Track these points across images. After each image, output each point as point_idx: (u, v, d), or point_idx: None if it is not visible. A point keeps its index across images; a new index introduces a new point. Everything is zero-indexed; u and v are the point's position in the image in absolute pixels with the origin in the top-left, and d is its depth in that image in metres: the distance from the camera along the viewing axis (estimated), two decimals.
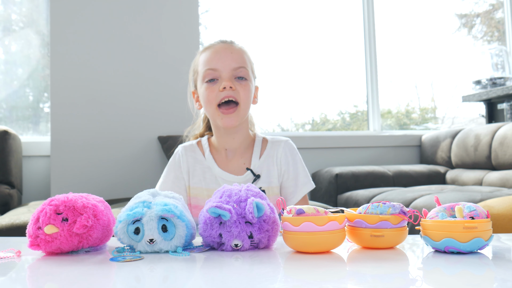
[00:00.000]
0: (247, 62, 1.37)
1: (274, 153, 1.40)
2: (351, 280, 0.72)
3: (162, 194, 0.96)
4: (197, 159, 1.41)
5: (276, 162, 1.39)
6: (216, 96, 1.33)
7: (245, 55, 1.39)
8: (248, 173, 1.38)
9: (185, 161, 1.40)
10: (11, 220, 1.87)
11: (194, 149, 1.43)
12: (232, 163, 1.40)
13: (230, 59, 1.34)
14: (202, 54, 1.40)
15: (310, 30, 3.71)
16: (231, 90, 1.32)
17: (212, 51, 1.37)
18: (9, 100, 2.99)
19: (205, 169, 1.39)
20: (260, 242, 0.91)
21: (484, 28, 4.31)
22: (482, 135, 2.96)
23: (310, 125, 3.75)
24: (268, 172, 1.38)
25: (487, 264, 0.78)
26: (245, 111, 1.36)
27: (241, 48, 1.40)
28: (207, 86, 1.34)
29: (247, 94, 1.34)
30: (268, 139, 1.44)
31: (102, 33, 2.85)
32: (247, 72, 1.36)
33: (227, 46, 1.38)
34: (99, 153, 2.80)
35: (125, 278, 0.74)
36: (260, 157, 1.40)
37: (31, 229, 0.89)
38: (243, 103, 1.34)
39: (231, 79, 1.33)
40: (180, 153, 1.42)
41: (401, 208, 0.90)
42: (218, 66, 1.33)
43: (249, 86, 1.36)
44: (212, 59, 1.35)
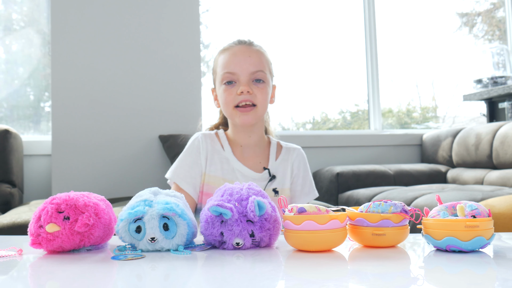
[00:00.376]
0: (265, 64, 1.38)
1: (289, 158, 1.44)
2: (353, 278, 0.72)
3: (164, 193, 0.96)
4: (216, 148, 1.42)
5: (290, 166, 1.43)
6: (233, 99, 1.35)
7: (263, 56, 1.40)
8: (265, 172, 1.40)
9: (205, 148, 1.41)
10: (13, 219, 1.87)
11: (213, 138, 1.44)
12: (248, 160, 1.42)
13: (248, 63, 1.35)
14: (221, 56, 1.40)
15: (311, 29, 3.70)
16: (248, 94, 1.33)
17: (231, 53, 1.38)
18: (10, 99, 2.99)
19: (223, 160, 1.40)
20: (262, 241, 0.91)
21: (485, 27, 4.31)
22: (483, 134, 2.96)
23: (311, 124, 3.75)
24: (283, 174, 1.42)
25: (489, 263, 0.78)
26: (262, 111, 1.38)
27: (259, 49, 1.40)
28: (225, 88, 1.36)
29: (264, 97, 1.36)
30: (282, 145, 1.47)
31: (103, 33, 2.85)
32: (264, 75, 1.37)
33: (246, 48, 1.38)
34: (100, 152, 2.80)
35: (127, 277, 0.74)
36: (276, 159, 1.43)
37: (33, 227, 0.89)
38: (260, 105, 1.36)
39: (248, 83, 1.35)
40: (199, 139, 1.43)
41: (402, 207, 0.90)
42: (236, 70, 1.35)
43: (266, 89, 1.38)
44: (230, 63, 1.36)
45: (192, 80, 3.00)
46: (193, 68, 3.01)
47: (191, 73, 3.00)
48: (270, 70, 1.42)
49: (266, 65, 1.39)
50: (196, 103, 3.00)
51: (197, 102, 3.01)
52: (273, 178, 1.39)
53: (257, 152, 1.43)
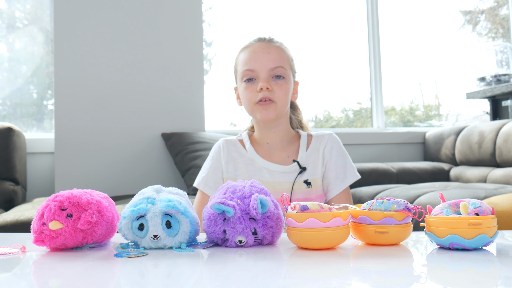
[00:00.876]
0: (284, 61, 1.38)
1: (319, 146, 1.42)
2: (355, 276, 0.72)
3: (166, 190, 0.96)
4: (239, 152, 1.43)
5: (320, 154, 1.41)
6: (254, 96, 1.35)
7: (283, 52, 1.40)
8: (294, 164, 1.39)
9: (226, 153, 1.43)
10: (16, 217, 1.88)
11: (235, 143, 1.45)
12: (275, 156, 1.41)
13: (268, 59, 1.35)
14: (241, 54, 1.41)
15: (313, 27, 3.70)
16: (267, 91, 1.34)
17: (250, 51, 1.39)
18: (13, 97, 3.00)
19: (247, 162, 1.41)
20: (264, 238, 0.91)
21: (489, 24, 4.29)
22: (486, 132, 2.95)
23: (314, 122, 3.75)
24: (314, 165, 1.40)
25: (492, 261, 0.78)
26: (283, 107, 1.38)
27: (279, 46, 1.40)
28: (246, 86, 1.37)
29: (283, 93, 1.36)
30: (313, 134, 1.46)
31: (105, 31, 2.85)
32: (284, 71, 1.37)
33: (265, 45, 1.39)
34: (103, 149, 2.80)
35: (129, 274, 0.74)
36: (307, 150, 1.42)
37: (36, 225, 0.89)
38: (279, 101, 1.36)
39: (268, 79, 1.35)
40: (221, 145, 1.45)
41: (405, 205, 0.90)
42: (256, 67, 1.35)
43: (286, 85, 1.37)
44: (250, 60, 1.37)
45: (194, 78, 3.00)
46: (195, 66, 3.01)
47: (194, 71, 3.00)
48: (291, 66, 1.42)
49: (286, 61, 1.39)
50: (198, 101, 3.00)
51: (199, 100, 3.01)
52: (303, 170, 1.37)
53: (285, 146, 1.43)
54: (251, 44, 1.41)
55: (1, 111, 2.99)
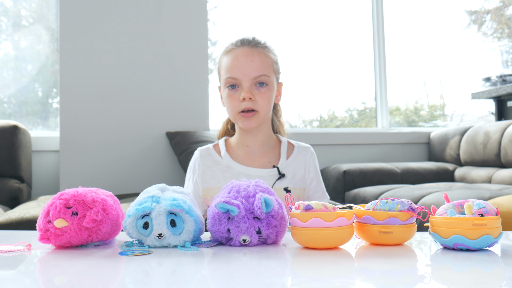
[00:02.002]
0: (267, 67, 1.37)
1: (303, 158, 1.43)
2: (359, 276, 0.72)
3: (171, 189, 0.96)
4: (215, 160, 1.43)
5: (304, 166, 1.42)
6: (237, 105, 1.35)
7: (266, 58, 1.38)
8: (274, 170, 1.39)
9: (201, 164, 1.43)
10: (21, 214, 1.89)
11: (210, 152, 1.45)
12: (254, 159, 1.42)
13: (250, 67, 1.34)
14: (224, 57, 1.40)
15: (318, 26, 3.69)
16: (250, 101, 1.34)
17: (233, 57, 1.36)
18: (18, 95, 3.01)
19: (224, 169, 1.41)
20: (268, 238, 0.91)
21: (494, 24, 4.27)
22: (491, 133, 2.94)
23: (318, 122, 3.74)
24: (294, 173, 1.40)
25: (496, 262, 0.77)
26: (265, 115, 1.38)
27: (261, 51, 1.38)
28: (229, 93, 1.37)
29: (266, 101, 1.36)
30: (294, 144, 1.47)
31: (111, 30, 2.86)
32: (267, 78, 1.36)
33: (248, 51, 1.36)
34: (108, 148, 2.81)
35: (134, 272, 0.74)
36: (288, 158, 1.42)
37: (41, 222, 0.89)
38: (262, 110, 1.36)
39: (250, 88, 1.34)
40: (195, 156, 1.46)
41: (409, 205, 0.90)
42: (238, 76, 1.34)
43: (269, 92, 1.37)
44: (233, 67, 1.35)
45: (199, 77, 3.00)
46: (200, 65, 3.01)
47: (198, 70, 3.00)
48: (275, 70, 1.40)
49: (270, 67, 1.38)
50: (203, 100, 3.01)
51: (204, 99, 3.01)
52: (282, 177, 1.38)
53: (265, 151, 1.43)
54: (234, 48, 1.38)
55: (7, 109, 3.00)
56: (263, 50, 1.38)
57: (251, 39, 1.40)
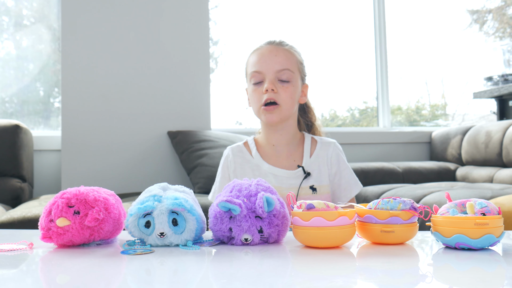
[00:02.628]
0: (292, 64, 1.40)
1: (325, 154, 1.44)
2: (361, 275, 0.72)
3: (173, 188, 0.96)
4: (245, 158, 1.45)
5: (327, 162, 1.43)
6: (260, 98, 1.38)
7: (292, 56, 1.41)
8: (299, 170, 1.40)
9: (233, 161, 1.45)
10: (23, 213, 1.89)
11: (241, 149, 1.47)
12: (281, 159, 1.43)
13: (274, 62, 1.38)
14: (251, 56, 1.44)
15: (320, 25, 3.69)
16: (272, 92, 1.36)
17: (259, 53, 1.41)
18: (20, 95, 3.01)
19: (253, 167, 1.43)
20: (270, 237, 0.91)
21: (496, 24, 4.27)
22: (493, 132, 2.94)
23: (320, 121, 3.74)
24: (319, 171, 1.41)
25: (498, 261, 0.77)
26: (288, 110, 1.40)
27: (288, 49, 1.42)
28: (253, 88, 1.40)
29: (288, 95, 1.38)
30: (317, 140, 1.48)
31: (112, 29, 2.86)
32: (291, 74, 1.39)
33: (273, 48, 1.41)
34: (110, 147, 2.81)
35: (136, 271, 0.74)
36: (311, 156, 1.43)
37: (43, 221, 0.89)
38: (284, 104, 1.38)
39: (273, 81, 1.37)
40: (227, 154, 1.47)
41: (411, 204, 0.90)
42: (263, 69, 1.38)
43: (292, 88, 1.39)
44: (257, 62, 1.40)
45: (201, 77, 3.00)
46: (202, 65, 3.01)
47: (200, 69, 3.00)
48: (299, 70, 1.43)
49: (294, 64, 1.41)
50: (204, 100, 3.01)
51: (205, 99, 3.01)
52: (308, 176, 1.39)
53: (291, 150, 1.44)
54: (261, 47, 1.44)
55: (8, 109, 3.01)
56: (289, 49, 1.43)
57: (278, 40, 1.45)
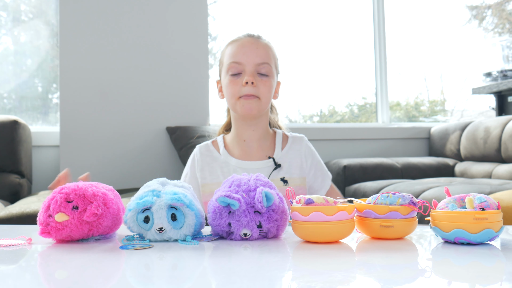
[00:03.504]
0: (271, 59, 1.40)
1: (297, 147, 1.44)
2: (360, 269, 0.72)
3: (171, 183, 0.96)
4: (213, 156, 1.44)
5: (300, 155, 1.43)
6: (238, 90, 1.36)
7: (270, 51, 1.41)
8: (270, 161, 1.40)
9: (200, 160, 1.44)
10: (22, 209, 1.89)
11: (208, 148, 1.47)
12: (251, 154, 1.43)
13: (255, 54, 1.36)
14: (229, 47, 1.42)
15: (319, 21, 3.68)
16: (252, 86, 1.35)
17: (238, 44, 1.39)
18: (18, 91, 3.00)
19: (222, 164, 1.42)
20: (269, 232, 0.91)
21: (495, 20, 4.26)
22: (492, 128, 2.94)
23: (318, 117, 3.74)
24: (290, 164, 1.41)
25: (497, 256, 0.77)
26: (265, 104, 1.39)
27: (267, 43, 1.41)
28: (231, 79, 1.38)
29: (267, 89, 1.37)
30: (288, 135, 1.48)
31: (111, 25, 2.85)
32: (270, 69, 1.38)
33: (254, 40, 1.40)
34: (108, 143, 2.81)
35: (135, 266, 0.74)
36: (282, 149, 1.43)
37: (42, 217, 0.89)
38: (263, 97, 1.37)
39: (253, 74, 1.36)
40: (195, 153, 1.47)
41: (410, 199, 0.90)
42: (243, 60, 1.36)
43: (270, 82, 1.39)
44: (238, 53, 1.37)
45: (199, 72, 3.00)
46: (200, 60, 3.00)
47: (198, 65, 3.00)
48: (276, 65, 1.43)
49: (272, 59, 1.41)
50: (203, 95, 3.00)
51: (204, 94, 3.01)
52: (278, 167, 1.38)
53: (262, 145, 1.44)
54: (240, 38, 1.42)
55: (7, 104, 3.00)
56: (268, 44, 1.42)
57: (257, 34, 1.44)
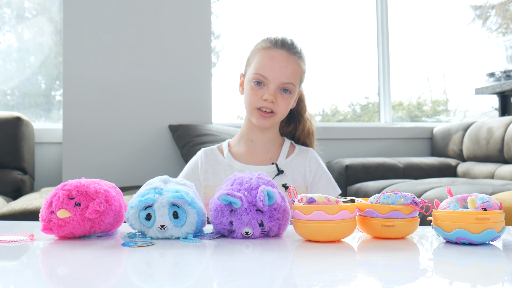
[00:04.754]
0: (297, 77, 1.39)
1: (303, 158, 1.45)
2: (362, 269, 0.72)
3: (174, 181, 0.96)
4: (217, 160, 1.45)
5: (304, 165, 1.44)
6: (257, 101, 1.37)
7: (299, 68, 1.40)
8: (273, 166, 1.41)
9: (204, 163, 1.45)
10: (24, 205, 1.89)
11: (214, 152, 1.47)
12: (256, 157, 1.44)
13: (282, 73, 1.36)
14: (260, 52, 1.40)
15: (322, 20, 3.68)
16: (272, 103, 1.36)
17: (269, 56, 1.37)
18: (21, 87, 3.01)
19: (225, 168, 1.43)
20: (271, 230, 0.91)
21: (499, 20, 4.25)
22: (494, 128, 2.93)
23: (321, 116, 3.74)
24: (293, 171, 1.42)
25: (499, 256, 0.77)
26: (280, 118, 1.42)
27: (297, 60, 1.39)
28: (252, 87, 1.38)
29: (286, 107, 1.39)
30: (296, 146, 1.49)
31: (114, 22, 2.85)
32: (293, 87, 1.38)
33: (285, 56, 1.37)
34: (111, 140, 2.81)
35: (136, 263, 0.75)
36: (287, 157, 1.44)
37: (44, 213, 0.90)
38: (279, 113, 1.39)
39: (275, 92, 1.36)
40: (200, 155, 1.47)
41: (412, 199, 0.89)
42: (269, 76, 1.35)
43: (290, 99, 1.39)
44: (266, 66, 1.36)
45: (202, 71, 3.00)
46: (203, 59, 3.00)
47: (201, 63, 3.00)
48: (301, 79, 1.43)
49: (299, 76, 1.40)
50: (206, 93, 3.00)
51: (207, 92, 3.01)
52: (280, 173, 1.39)
53: (269, 148, 1.45)
54: (272, 48, 1.39)
55: (10, 101, 3.00)
56: (298, 60, 1.41)
57: (290, 43, 1.41)
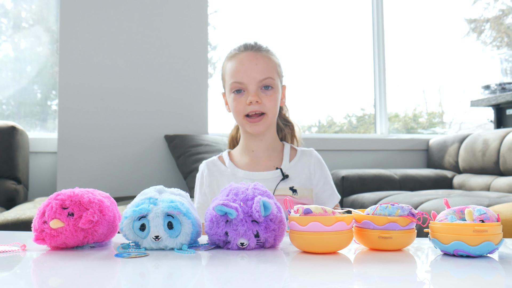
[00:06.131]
0: (272, 70, 1.38)
1: (306, 160, 1.44)
2: (358, 281, 0.71)
3: (168, 191, 0.95)
4: (220, 170, 1.44)
5: (309, 167, 1.43)
6: (243, 108, 1.35)
7: (271, 61, 1.39)
8: (277, 171, 1.39)
9: (208, 175, 1.43)
10: (17, 215, 1.87)
11: (215, 163, 1.46)
12: (259, 165, 1.42)
13: (256, 71, 1.35)
14: (229, 63, 1.40)
15: (318, 31, 3.70)
16: (257, 104, 1.34)
17: (238, 61, 1.37)
18: (17, 97, 3.00)
19: (229, 177, 1.41)
20: (266, 241, 0.90)
21: (494, 33, 4.29)
22: (490, 140, 2.94)
23: (317, 127, 3.74)
24: (298, 175, 1.40)
25: (497, 269, 0.77)
26: (272, 118, 1.39)
27: (265, 55, 1.39)
28: (235, 97, 1.37)
29: (273, 104, 1.37)
30: (297, 149, 1.47)
31: (111, 32, 2.85)
32: (272, 81, 1.37)
33: (252, 56, 1.36)
34: (106, 150, 2.80)
35: (130, 274, 0.73)
36: (291, 161, 1.43)
37: (37, 223, 0.88)
38: (269, 112, 1.37)
39: (256, 92, 1.35)
40: (203, 169, 1.46)
41: (409, 210, 0.89)
42: (244, 80, 1.35)
43: (275, 95, 1.38)
44: (238, 72, 1.35)
45: (198, 81, 3.00)
46: (200, 69, 3.01)
47: (198, 74, 3.00)
48: (278, 73, 1.41)
49: (274, 70, 1.39)
50: (202, 104, 3.00)
51: (203, 103, 3.01)
52: (285, 178, 1.37)
53: (270, 155, 1.43)
54: (238, 53, 1.39)
55: (5, 110, 2.99)
56: (267, 54, 1.40)
57: (254, 43, 1.41)
